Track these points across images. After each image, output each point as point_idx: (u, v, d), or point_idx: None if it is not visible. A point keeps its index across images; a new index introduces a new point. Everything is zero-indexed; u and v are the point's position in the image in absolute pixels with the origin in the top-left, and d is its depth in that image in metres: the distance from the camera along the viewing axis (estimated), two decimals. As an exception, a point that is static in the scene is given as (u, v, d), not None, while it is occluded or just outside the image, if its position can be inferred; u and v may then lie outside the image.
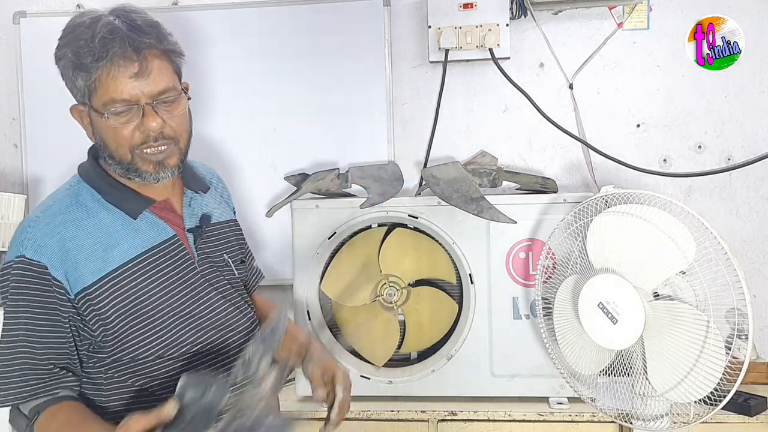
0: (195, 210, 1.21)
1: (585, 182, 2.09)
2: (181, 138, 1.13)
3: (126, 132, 1.07)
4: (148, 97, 1.06)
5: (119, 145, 1.08)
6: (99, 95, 1.06)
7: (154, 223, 1.14)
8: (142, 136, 1.08)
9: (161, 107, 1.08)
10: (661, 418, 1.44)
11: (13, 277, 1.06)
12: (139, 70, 1.04)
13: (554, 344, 1.58)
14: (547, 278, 1.60)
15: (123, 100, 1.05)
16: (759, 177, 2.02)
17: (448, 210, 1.67)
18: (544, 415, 1.67)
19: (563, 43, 2.07)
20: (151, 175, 1.11)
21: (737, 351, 1.31)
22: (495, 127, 2.12)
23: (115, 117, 1.06)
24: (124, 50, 1.03)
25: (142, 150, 1.09)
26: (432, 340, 1.82)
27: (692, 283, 1.37)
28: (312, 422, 1.20)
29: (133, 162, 1.09)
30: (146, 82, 1.06)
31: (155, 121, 1.07)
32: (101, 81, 1.05)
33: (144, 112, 1.06)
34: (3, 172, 2.24)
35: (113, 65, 1.03)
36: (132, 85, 1.05)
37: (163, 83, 1.08)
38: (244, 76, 2.09)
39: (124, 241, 1.10)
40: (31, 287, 1.06)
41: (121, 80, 1.04)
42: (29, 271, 1.05)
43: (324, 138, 2.11)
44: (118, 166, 1.11)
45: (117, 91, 1.04)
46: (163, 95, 1.08)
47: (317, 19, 2.09)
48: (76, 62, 1.06)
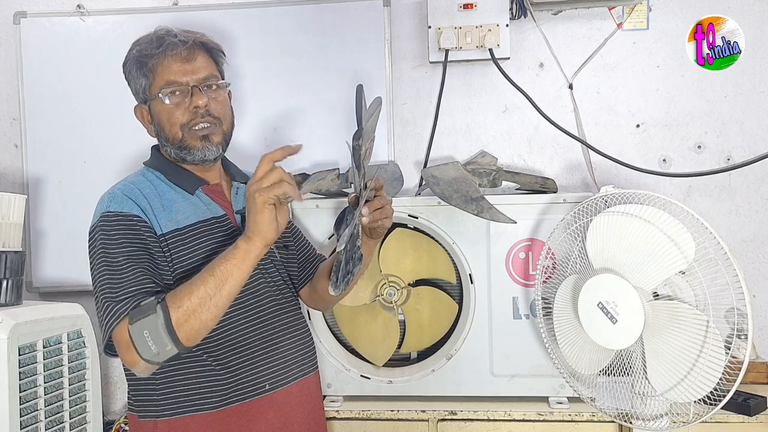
0: (241, 197, 1.38)
1: (585, 182, 2.10)
2: (224, 120, 1.32)
3: (178, 112, 1.27)
4: (195, 80, 1.28)
5: (172, 125, 1.28)
6: (156, 82, 1.28)
7: (208, 202, 1.33)
8: (191, 115, 1.28)
9: (206, 91, 1.29)
10: (660, 418, 1.44)
11: (101, 231, 1.21)
12: (187, 56, 1.27)
13: (554, 344, 1.58)
14: (547, 278, 1.60)
15: (174, 81, 1.26)
16: (759, 177, 2.03)
17: (448, 210, 1.67)
18: (543, 415, 1.67)
19: (563, 44, 2.07)
20: (198, 150, 1.29)
21: (737, 351, 1.31)
22: (495, 127, 2.12)
23: (169, 97, 1.27)
24: (174, 41, 1.27)
25: (190, 127, 1.28)
26: (432, 340, 1.82)
27: (692, 283, 1.38)
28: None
29: (184, 139, 1.29)
30: (192, 67, 1.28)
31: (201, 99, 1.27)
32: (157, 69, 1.27)
33: (192, 93, 1.27)
34: (3, 172, 2.24)
35: (166, 53, 1.26)
36: (182, 68, 1.27)
37: (206, 71, 1.30)
38: (244, 75, 2.09)
39: (184, 210, 1.28)
40: (121, 229, 1.20)
41: (173, 65, 1.27)
42: (117, 218, 1.21)
43: (324, 138, 2.11)
44: (172, 146, 1.30)
45: (170, 73, 1.26)
46: (207, 80, 1.29)
47: (317, 20, 2.09)
48: (139, 57, 1.28)
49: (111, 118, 2.11)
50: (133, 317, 1.11)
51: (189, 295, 1.11)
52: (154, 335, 1.10)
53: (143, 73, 1.28)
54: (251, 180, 1.13)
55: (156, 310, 1.10)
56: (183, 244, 1.25)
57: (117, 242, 1.19)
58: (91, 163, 2.15)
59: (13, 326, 1.48)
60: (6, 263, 1.65)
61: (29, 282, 2.16)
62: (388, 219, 1.30)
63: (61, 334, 1.64)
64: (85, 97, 2.15)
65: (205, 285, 1.12)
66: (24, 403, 1.51)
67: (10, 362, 1.47)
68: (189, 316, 1.10)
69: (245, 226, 1.16)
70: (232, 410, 1.25)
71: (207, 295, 1.11)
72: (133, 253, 1.19)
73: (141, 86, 1.30)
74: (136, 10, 2.15)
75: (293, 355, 1.36)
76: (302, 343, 1.40)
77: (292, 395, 1.34)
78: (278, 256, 1.41)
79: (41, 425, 1.55)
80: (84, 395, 1.70)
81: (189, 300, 1.11)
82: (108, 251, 1.18)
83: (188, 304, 1.11)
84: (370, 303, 1.79)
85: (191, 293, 1.11)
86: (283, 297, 1.39)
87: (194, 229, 1.27)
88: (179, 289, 1.14)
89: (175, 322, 1.10)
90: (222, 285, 1.12)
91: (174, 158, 1.33)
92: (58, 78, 2.16)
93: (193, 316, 1.11)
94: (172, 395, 1.23)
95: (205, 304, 1.11)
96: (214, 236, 1.28)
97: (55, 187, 2.18)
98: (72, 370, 1.66)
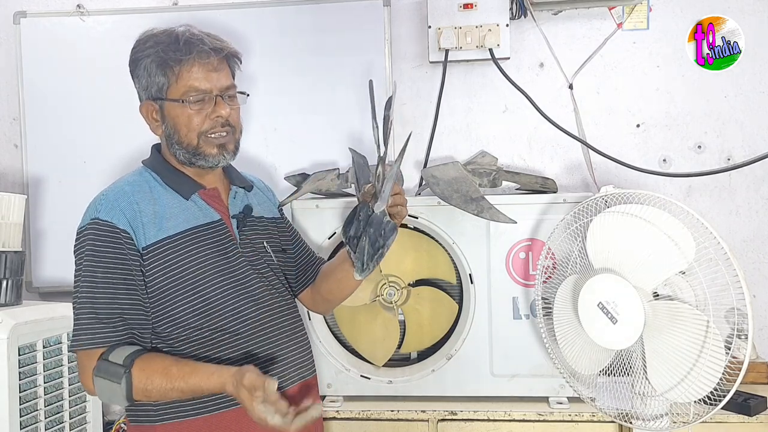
0: (238, 202, 1.38)
1: (585, 182, 2.09)
2: (237, 128, 1.34)
3: (198, 118, 1.27)
4: (219, 89, 1.28)
5: (190, 130, 1.28)
6: (179, 86, 1.26)
7: (203, 207, 1.31)
8: (211, 123, 1.28)
9: (227, 100, 1.30)
10: (660, 418, 1.44)
11: (88, 238, 1.22)
12: (217, 65, 1.28)
13: (554, 344, 1.58)
14: (547, 278, 1.60)
15: (201, 89, 1.26)
16: (759, 177, 2.03)
17: (448, 210, 1.67)
18: (544, 415, 1.67)
19: (563, 44, 2.07)
20: (214, 158, 1.29)
21: (737, 351, 1.31)
22: (495, 127, 2.12)
23: (192, 104, 1.26)
24: (206, 50, 1.26)
25: (207, 135, 1.28)
26: (432, 340, 1.82)
27: (692, 283, 1.38)
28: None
29: (199, 146, 1.28)
30: (218, 76, 1.28)
31: (224, 110, 1.28)
32: (183, 74, 1.26)
33: (216, 102, 1.28)
34: (3, 172, 2.24)
35: (197, 60, 1.25)
36: (210, 77, 1.27)
37: (229, 80, 1.31)
38: (243, 76, 2.08)
39: (177, 216, 1.27)
40: (107, 242, 1.21)
41: (200, 73, 1.26)
42: (104, 229, 1.22)
43: (324, 138, 2.11)
44: (185, 151, 1.29)
45: (197, 80, 1.26)
46: (229, 90, 1.31)
47: (317, 20, 2.09)
48: (164, 57, 1.25)
49: (111, 117, 2.11)
50: (98, 370, 1.18)
51: (155, 383, 1.17)
52: (112, 397, 1.19)
53: (164, 72, 1.26)
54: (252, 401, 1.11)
55: (121, 383, 1.16)
56: (172, 253, 1.24)
57: (101, 258, 1.21)
58: (91, 163, 2.15)
59: (13, 326, 1.48)
60: (6, 263, 1.65)
61: (29, 282, 2.16)
62: (404, 207, 1.35)
63: (61, 334, 1.64)
64: (85, 97, 2.15)
65: (172, 383, 1.17)
66: (24, 403, 1.51)
67: (10, 362, 1.47)
68: (149, 395, 1.18)
69: (239, 234, 1.29)
70: (232, 413, 1.25)
71: (172, 389, 1.17)
72: (114, 275, 1.21)
73: (157, 84, 1.27)
74: (136, 10, 2.15)
75: (292, 358, 1.36)
76: (301, 345, 1.40)
77: (292, 398, 1.34)
78: (275, 260, 1.40)
79: (41, 425, 1.55)
80: (84, 395, 1.70)
81: (153, 386, 1.17)
82: (91, 266, 1.21)
83: (151, 388, 1.17)
84: (370, 303, 1.79)
85: (157, 384, 1.17)
86: (282, 300, 1.38)
87: (186, 236, 1.26)
88: (150, 369, 1.17)
89: (135, 394, 1.18)
90: (187, 393, 1.18)
91: (181, 161, 1.32)
92: (58, 78, 2.16)
93: (153, 396, 1.19)
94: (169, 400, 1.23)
95: (167, 395, 1.19)
96: (207, 242, 1.28)
97: (55, 187, 2.18)
98: (72, 370, 1.66)
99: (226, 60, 1.32)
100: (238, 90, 1.34)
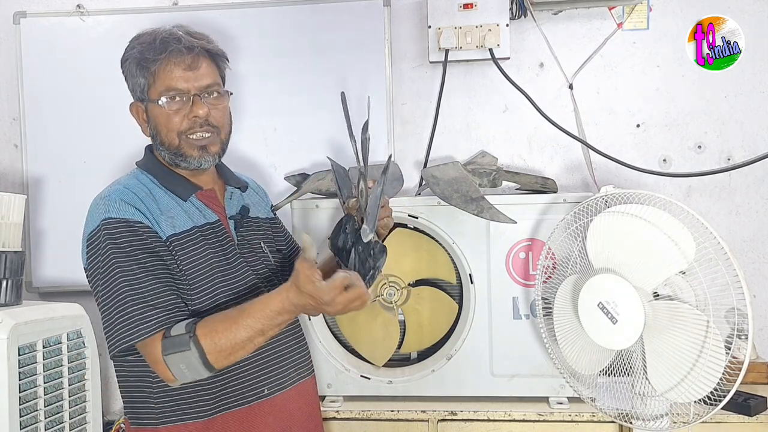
0: (234, 202, 1.38)
1: (585, 182, 2.09)
2: (222, 129, 1.31)
3: (176, 118, 1.25)
4: (197, 89, 1.25)
5: (169, 131, 1.26)
6: (157, 86, 1.25)
7: (201, 208, 1.31)
8: (190, 123, 1.26)
9: (207, 99, 1.27)
10: (660, 418, 1.44)
11: (107, 237, 1.18)
12: (191, 64, 1.25)
13: (554, 344, 1.58)
14: (547, 278, 1.60)
15: (176, 88, 1.24)
16: (759, 177, 2.03)
17: (448, 210, 1.67)
18: (544, 415, 1.67)
19: (563, 44, 2.07)
20: (195, 159, 1.27)
21: (737, 351, 1.31)
22: (495, 127, 2.12)
23: (168, 103, 1.24)
24: (179, 48, 1.24)
25: (188, 136, 1.26)
26: (432, 340, 1.82)
27: (692, 283, 1.37)
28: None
29: (180, 147, 1.27)
30: (195, 75, 1.25)
31: (202, 109, 1.25)
32: (159, 73, 1.24)
33: (192, 102, 1.25)
34: (3, 172, 2.24)
35: (170, 59, 1.23)
36: (185, 76, 1.24)
37: (209, 79, 1.27)
38: (244, 76, 2.09)
39: (179, 216, 1.26)
40: (128, 237, 1.18)
41: (175, 72, 1.24)
42: (121, 226, 1.19)
43: (324, 138, 2.11)
44: (168, 152, 1.28)
45: (172, 79, 1.24)
46: (209, 89, 1.27)
47: (317, 20, 2.09)
48: (140, 58, 1.25)
49: (111, 118, 2.10)
50: (166, 348, 1.14)
51: (222, 333, 1.14)
52: (190, 368, 1.14)
53: (143, 74, 1.25)
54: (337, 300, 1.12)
55: (190, 347, 1.13)
56: (181, 249, 1.23)
57: (127, 252, 1.17)
58: (91, 163, 2.15)
59: (13, 326, 1.48)
60: (6, 263, 1.64)
61: (29, 282, 2.16)
62: (389, 217, 1.34)
63: (61, 334, 1.64)
64: (85, 97, 2.15)
65: (237, 323, 1.14)
66: (24, 403, 1.51)
67: (10, 362, 1.47)
68: (222, 350, 1.14)
69: (236, 234, 1.26)
70: (232, 415, 1.25)
71: (240, 328, 1.14)
72: (147, 263, 1.18)
73: (139, 85, 1.27)
74: (136, 10, 2.15)
75: (291, 359, 1.36)
76: (299, 346, 1.40)
77: (292, 399, 1.34)
78: (272, 260, 1.40)
79: (41, 425, 1.55)
80: (84, 395, 1.70)
81: (221, 337, 1.13)
82: (121, 261, 1.17)
83: (222, 342, 1.13)
84: (370, 303, 1.79)
85: (224, 333, 1.14)
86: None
87: (190, 234, 1.25)
88: (211, 324, 1.15)
89: (213, 360, 1.14)
90: (256, 326, 1.15)
91: (168, 162, 1.31)
92: (58, 78, 2.16)
93: (226, 348, 1.14)
94: (170, 402, 1.23)
95: (238, 337, 1.14)
96: (210, 242, 1.28)
97: (55, 187, 2.18)
98: (72, 370, 1.66)
99: (210, 58, 1.29)
100: (223, 89, 1.31)
